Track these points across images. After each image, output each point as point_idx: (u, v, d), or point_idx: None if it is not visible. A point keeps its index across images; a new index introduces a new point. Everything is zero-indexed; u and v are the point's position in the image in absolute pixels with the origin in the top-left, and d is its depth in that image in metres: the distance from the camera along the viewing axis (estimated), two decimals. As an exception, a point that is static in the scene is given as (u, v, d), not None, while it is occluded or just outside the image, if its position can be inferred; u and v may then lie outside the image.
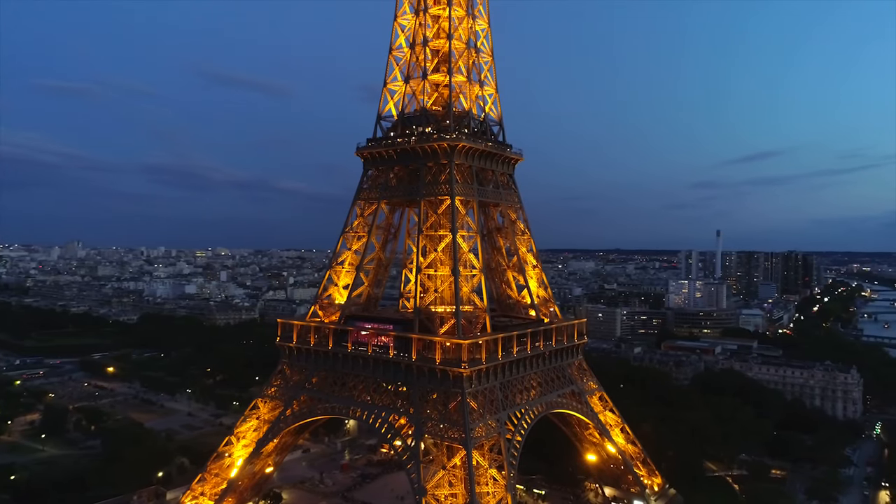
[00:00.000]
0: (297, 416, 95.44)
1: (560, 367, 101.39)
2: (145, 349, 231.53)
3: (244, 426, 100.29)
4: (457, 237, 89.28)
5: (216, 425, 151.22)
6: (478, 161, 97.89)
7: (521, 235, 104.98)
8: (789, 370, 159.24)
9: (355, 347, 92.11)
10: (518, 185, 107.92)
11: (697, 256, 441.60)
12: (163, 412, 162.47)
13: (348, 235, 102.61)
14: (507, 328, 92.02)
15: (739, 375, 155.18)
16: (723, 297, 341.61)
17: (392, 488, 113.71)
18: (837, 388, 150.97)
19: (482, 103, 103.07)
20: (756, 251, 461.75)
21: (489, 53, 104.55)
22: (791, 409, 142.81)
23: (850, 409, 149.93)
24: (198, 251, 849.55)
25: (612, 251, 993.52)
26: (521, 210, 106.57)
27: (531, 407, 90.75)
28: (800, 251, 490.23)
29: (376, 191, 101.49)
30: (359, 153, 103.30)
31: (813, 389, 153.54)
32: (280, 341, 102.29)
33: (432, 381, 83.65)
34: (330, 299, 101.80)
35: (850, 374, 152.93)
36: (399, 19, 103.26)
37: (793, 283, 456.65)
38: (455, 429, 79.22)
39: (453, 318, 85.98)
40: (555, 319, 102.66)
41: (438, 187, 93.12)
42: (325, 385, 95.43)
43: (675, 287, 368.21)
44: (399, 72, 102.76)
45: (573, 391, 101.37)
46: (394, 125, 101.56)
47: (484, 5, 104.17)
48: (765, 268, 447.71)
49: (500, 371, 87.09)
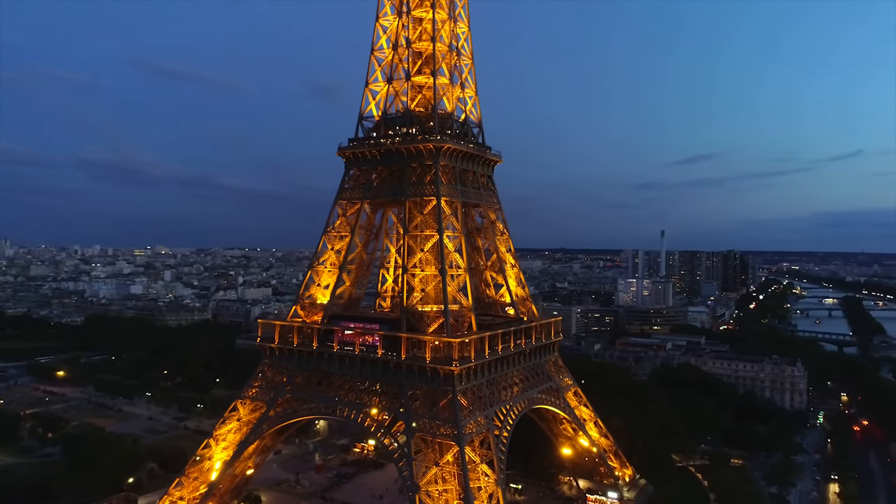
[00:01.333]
0: (280, 416, 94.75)
1: (539, 364, 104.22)
2: (94, 352, 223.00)
3: (224, 428, 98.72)
4: (444, 237, 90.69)
5: (180, 429, 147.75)
6: (460, 162, 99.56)
7: (500, 235, 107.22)
8: (741, 364, 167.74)
9: (341, 347, 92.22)
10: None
11: (643, 256, 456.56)
12: (121, 417, 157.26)
13: (330, 235, 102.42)
14: (490, 326, 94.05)
15: (696, 370, 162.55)
16: (669, 295, 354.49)
17: (370, 487, 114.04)
18: (785, 380, 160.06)
19: (462, 105, 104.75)
20: (698, 251, 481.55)
21: (469, 56, 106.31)
22: (744, 401, 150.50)
23: (796, 401, 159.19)
24: (136, 250, 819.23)
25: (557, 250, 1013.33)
26: (500, 211, 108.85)
27: (515, 403, 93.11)
28: (737, 251, 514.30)
29: (359, 190, 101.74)
30: (340, 153, 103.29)
31: (763, 382, 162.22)
32: (261, 342, 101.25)
33: (422, 380, 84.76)
34: (311, 299, 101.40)
35: (796, 368, 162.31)
36: (381, 20, 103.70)
37: (732, 281, 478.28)
38: (447, 426, 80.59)
39: (441, 317, 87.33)
40: (532, 317, 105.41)
41: (424, 188, 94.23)
42: (309, 385, 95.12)
43: (624, 285, 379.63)
44: (380, 72, 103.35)
45: (551, 387, 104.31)
46: (376, 125, 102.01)
47: (464, 8, 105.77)
48: (706, 266, 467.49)
49: (487, 369, 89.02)
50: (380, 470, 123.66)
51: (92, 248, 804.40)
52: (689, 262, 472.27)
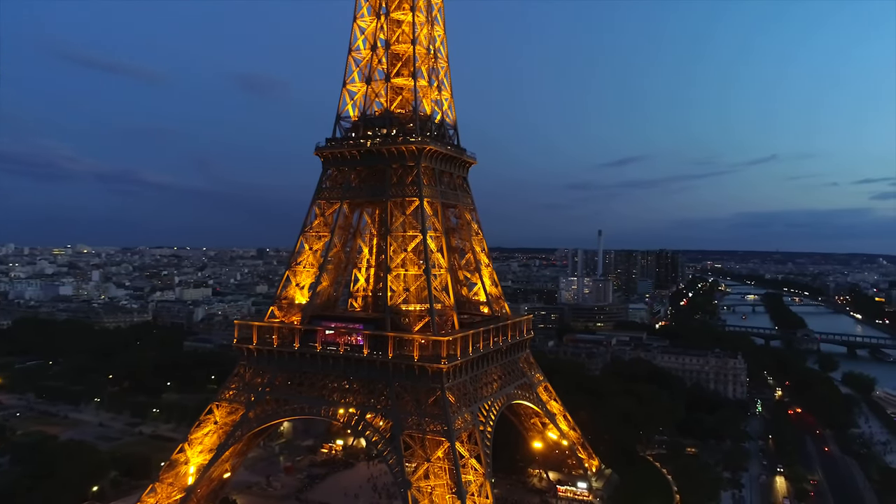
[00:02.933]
0: (260, 418, 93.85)
1: (514, 360, 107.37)
2: (26, 357, 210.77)
3: (199, 432, 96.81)
4: (427, 237, 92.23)
5: (135, 434, 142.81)
6: (439, 164, 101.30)
7: (475, 235, 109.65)
8: (687, 358, 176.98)
9: (324, 347, 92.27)
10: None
11: (582, 255, 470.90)
12: (69, 424, 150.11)
13: (308, 235, 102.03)
14: (470, 325, 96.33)
15: (648, 364, 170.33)
16: (609, 292, 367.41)
17: (343, 487, 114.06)
18: (728, 372, 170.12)
19: (438, 107, 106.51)
20: (634, 250, 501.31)
21: (445, 59, 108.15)
22: (692, 393, 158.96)
23: (738, 391, 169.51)
24: (55, 249, 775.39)
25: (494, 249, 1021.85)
26: (475, 211, 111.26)
27: (495, 399, 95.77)
28: (668, 250, 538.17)
29: (338, 190, 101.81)
30: (318, 153, 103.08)
31: (708, 374, 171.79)
32: (237, 343, 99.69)
33: (409, 378, 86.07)
34: (289, 299, 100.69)
35: (737, 360, 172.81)
36: (358, 21, 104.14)
37: (664, 279, 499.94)
38: (436, 422, 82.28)
39: (426, 316, 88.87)
40: (506, 315, 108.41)
41: (406, 188, 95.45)
42: (290, 386, 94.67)
43: (566, 284, 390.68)
44: (357, 73, 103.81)
45: (525, 383, 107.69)
46: (355, 126, 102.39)
47: (441, 11, 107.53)
48: (641, 265, 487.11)
49: (471, 366, 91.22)
50: (350, 469, 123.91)
51: (6, 247, 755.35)
52: (626, 261, 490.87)
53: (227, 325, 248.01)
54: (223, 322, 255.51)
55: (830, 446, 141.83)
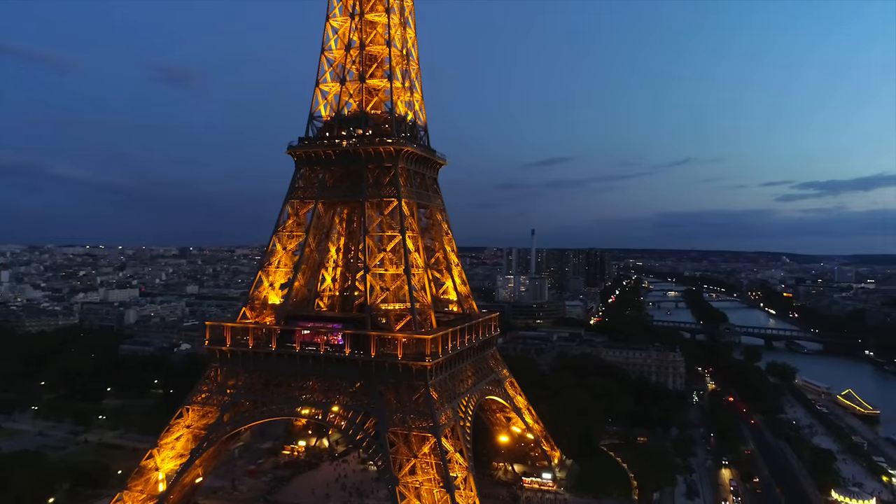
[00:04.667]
0: (236, 421, 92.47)
1: (484, 357, 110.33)
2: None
3: (170, 437, 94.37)
4: (406, 238, 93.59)
5: (81, 443, 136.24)
6: (413, 165, 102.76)
7: (445, 235, 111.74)
8: (631, 352, 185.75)
9: (303, 347, 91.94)
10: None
11: (516, 253, 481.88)
12: (4, 434, 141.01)
13: (281, 235, 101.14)
14: (447, 323, 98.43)
15: (596, 358, 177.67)
16: (545, 290, 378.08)
17: (311, 487, 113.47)
18: (668, 365, 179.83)
19: (410, 109, 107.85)
20: (566, 248, 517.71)
21: (416, 60, 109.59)
22: (638, 385, 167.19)
23: (678, 382, 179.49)
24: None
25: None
26: (445, 211, 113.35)
27: (471, 395, 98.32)
28: (598, 248, 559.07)
29: (312, 190, 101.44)
30: (291, 152, 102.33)
31: (650, 367, 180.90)
32: (210, 345, 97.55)
33: (393, 376, 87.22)
34: (262, 300, 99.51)
35: (676, 353, 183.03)
36: (330, 20, 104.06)
37: (593, 276, 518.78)
38: (422, 419, 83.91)
39: (406, 315, 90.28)
40: (475, 314, 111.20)
41: (383, 189, 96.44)
42: (268, 387, 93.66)
43: (503, 282, 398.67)
44: (330, 73, 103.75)
45: (494, 379, 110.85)
46: (329, 125, 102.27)
47: (412, 14, 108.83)
48: (573, 263, 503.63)
49: (450, 363, 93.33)
50: (315, 470, 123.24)
51: None
52: (558, 259, 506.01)
53: (165, 328, 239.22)
54: (160, 324, 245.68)
55: (763, 431, 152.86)
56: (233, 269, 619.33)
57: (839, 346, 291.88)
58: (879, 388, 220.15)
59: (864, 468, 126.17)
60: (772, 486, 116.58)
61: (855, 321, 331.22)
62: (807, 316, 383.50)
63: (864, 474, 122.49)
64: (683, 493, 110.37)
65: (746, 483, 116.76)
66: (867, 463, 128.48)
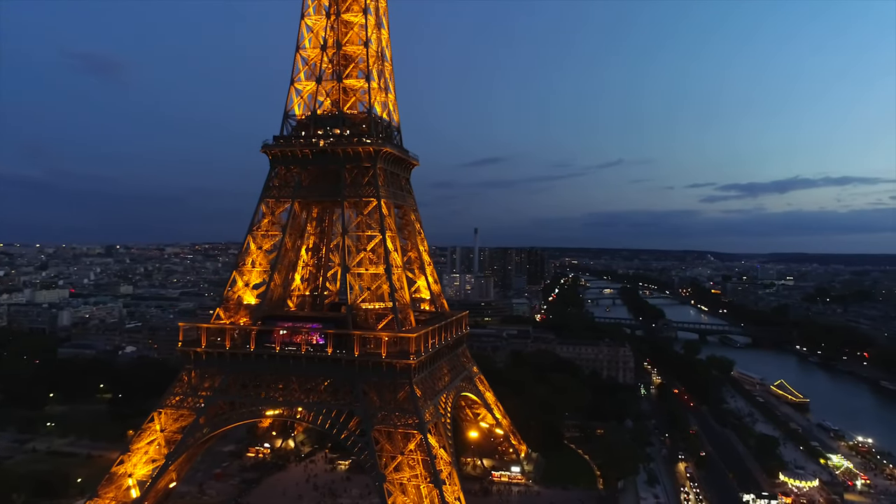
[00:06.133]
0: (213, 423, 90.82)
1: (457, 354, 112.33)
2: None
3: (141, 441, 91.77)
4: (386, 237, 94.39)
5: (28, 452, 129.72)
6: (389, 165, 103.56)
7: (418, 235, 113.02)
8: (583, 347, 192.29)
9: (284, 347, 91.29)
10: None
11: (460, 252, 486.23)
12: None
13: (256, 234, 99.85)
14: (425, 322, 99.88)
15: (552, 354, 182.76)
16: (490, 289, 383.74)
17: (282, 489, 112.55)
18: (619, 359, 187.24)
19: (384, 109, 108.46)
20: (508, 247, 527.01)
21: (390, 61, 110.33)
22: (591, 379, 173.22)
23: (628, 376, 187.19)
24: None
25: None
26: (417, 212, 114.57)
27: (449, 391, 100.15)
28: (538, 247, 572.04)
29: (288, 189, 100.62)
30: (266, 150, 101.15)
31: (602, 362, 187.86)
32: (183, 347, 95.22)
33: (377, 374, 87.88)
34: (238, 300, 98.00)
35: (625, 349, 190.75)
36: (305, 19, 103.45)
37: (534, 275, 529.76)
38: (407, 416, 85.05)
39: (388, 314, 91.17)
40: (449, 312, 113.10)
41: (362, 189, 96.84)
42: (247, 388, 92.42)
43: (448, 280, 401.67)
44: (305, 72, 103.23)
45: (467, 375, 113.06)
46: (305, 124, 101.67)
47: (385, 15, 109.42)
48: (515, 262, 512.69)
49: (430, 361, 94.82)
50: (283, 471, 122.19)
51: None
52: (501, 258, 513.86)
53: (106, 330, 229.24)
54: (100, 326, 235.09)
55: (709, 420, 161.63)
56: (165, 269, 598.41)
57: (767, 340, 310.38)
58: (805, 378, 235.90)
59: (803, 452, 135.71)
60: (724, 471, 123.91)
61: (780, 316, 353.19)
62: (735, 311, 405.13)
63: (804, 458, 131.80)
64: (644, 481, 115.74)
65: (701, 470, 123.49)
66: (805, 447, 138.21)
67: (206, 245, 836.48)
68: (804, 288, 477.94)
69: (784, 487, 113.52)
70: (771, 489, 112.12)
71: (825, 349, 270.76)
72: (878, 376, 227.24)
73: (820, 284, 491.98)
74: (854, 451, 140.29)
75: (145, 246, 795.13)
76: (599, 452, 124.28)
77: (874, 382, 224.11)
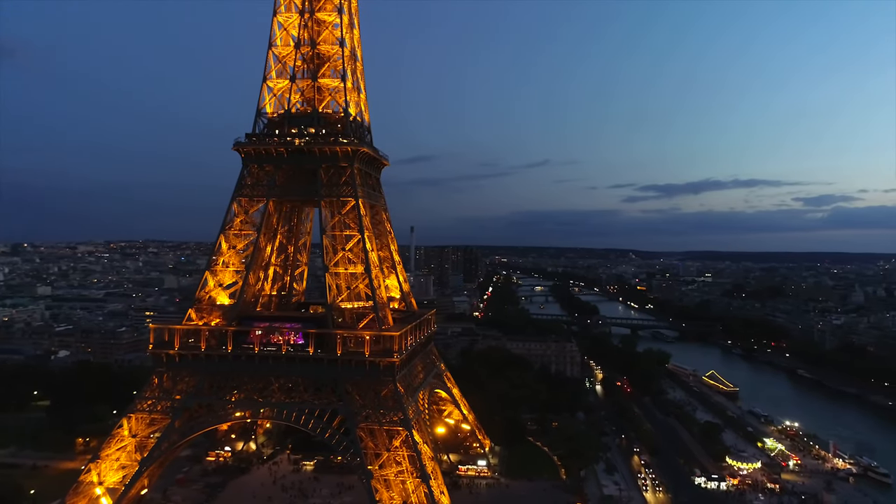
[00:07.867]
0: (189, 427, 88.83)
1: (428, 352, 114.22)
2: None
3: (111, 448, 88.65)
4: (365, 237, 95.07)
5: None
6: (365, 165, 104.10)
7: (389, 234, 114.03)
8: (533, 343, 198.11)
9: (263, 348, 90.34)
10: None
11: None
12: None
13: (228, 233, 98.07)
14: (402, 320, 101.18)
15: (504, 350, 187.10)
16: (430, 287, 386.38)
17: (250, 492, 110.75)
18: (566, 354, 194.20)
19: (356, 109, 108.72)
20: (441, 245, 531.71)
21: (361, 61, 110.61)
22: (541, 374, 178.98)
23: (575, 371, 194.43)
24: None
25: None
26: (388, 211, 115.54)
27: (424, 388, 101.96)
28: (472, 245, 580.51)
29: (262, 188, 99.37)
30: (238, 148, 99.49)
31: (550, 357, 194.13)
32: (154, 349, 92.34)
33: (360, 373, 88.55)
34: (210, 301, 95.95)
35: (572, 344, 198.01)
36: (277, 16, 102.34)
37: (469, 273, 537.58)
38: (392, 413, 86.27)
39: (368, 313, 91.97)
40: (420, 311, 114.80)
41: (340, 189, 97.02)
42: (223, 390, 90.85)
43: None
44: (276, 70, 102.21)
45: (437, 372, 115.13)
46: (279, 123, 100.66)
47: (357, 14, 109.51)
48: (452, 260, 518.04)
49: (409, 358, 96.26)
50: (247, 474, 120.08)
51: None
52: (438, 257, 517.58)
53: (33, 333, 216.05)
54: (26, 329, 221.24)
55: (652, 410, 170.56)
56: (81, 269, 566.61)
57: (693, 333, 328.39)
58: (730, 369, 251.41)
59: (741, 437, 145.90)
60: (674, 457, 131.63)
61: (703, 311, 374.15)
62: (662, 307, 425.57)
63: (743, 443, 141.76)
64: (604, 470, 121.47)
65: (654, 457, 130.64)
66: (742, 433, 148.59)
67: (122, 243, 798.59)
68: (722, 284, 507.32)
69: (730, 469, 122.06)
70: (718, 472, 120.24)
71: (746, 341, 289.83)
72: (795, 365, 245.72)
73: (736, 281, 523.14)
74: (783, 435, 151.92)
75: (54, 244, 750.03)
76: (559, 444, 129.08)
77: (792, 371, 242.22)
